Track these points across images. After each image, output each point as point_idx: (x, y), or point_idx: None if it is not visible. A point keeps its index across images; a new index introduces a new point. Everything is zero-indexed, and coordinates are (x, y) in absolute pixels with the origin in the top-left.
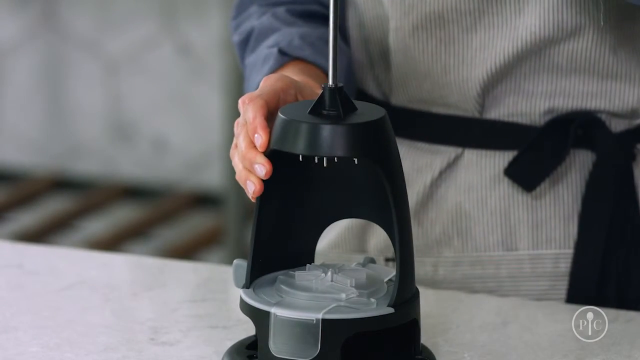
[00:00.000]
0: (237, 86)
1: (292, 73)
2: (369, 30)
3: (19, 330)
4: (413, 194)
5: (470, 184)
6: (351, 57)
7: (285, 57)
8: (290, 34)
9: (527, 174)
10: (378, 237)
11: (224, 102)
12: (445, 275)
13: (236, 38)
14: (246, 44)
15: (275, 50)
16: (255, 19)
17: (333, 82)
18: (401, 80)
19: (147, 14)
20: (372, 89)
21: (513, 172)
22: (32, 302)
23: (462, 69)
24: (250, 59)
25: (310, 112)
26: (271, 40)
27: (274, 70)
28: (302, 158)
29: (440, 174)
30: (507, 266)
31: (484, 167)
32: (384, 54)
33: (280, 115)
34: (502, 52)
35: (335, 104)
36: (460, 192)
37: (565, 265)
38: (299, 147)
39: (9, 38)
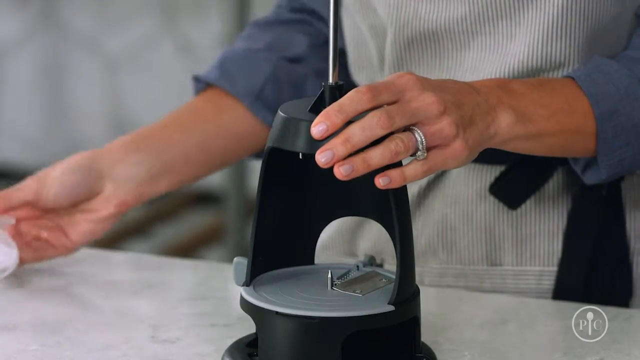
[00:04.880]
0: None
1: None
2: (365, 36)
3: (19, 329)
4: None
5: (457, 197)
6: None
7: (199, 84)
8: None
9: (512, 192)
10: (368, 242)
11: None
12: (431, 284)
13: None
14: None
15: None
16: None
17: (333, 80)
18: None
19: (147, 12)
20: None
21: (497, 190)
22: (32, 300)
23: None
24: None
25: (310, 110)
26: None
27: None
28: (302, 156)
29: (428, 184)
30: (490, 280)
31: (471, 180)
32: (380, 60)
33: (280, 113)
34: (490, 76)
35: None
36: (446, 204)
37: (548, 283)
38: (299, 146)
39: (10, 36)
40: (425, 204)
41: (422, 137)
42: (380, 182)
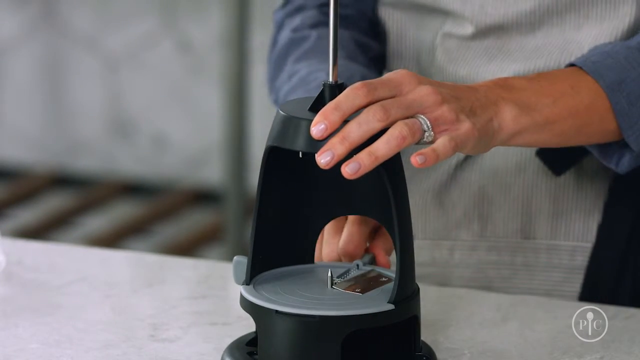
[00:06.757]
0: (237, 83)
1: None
2: (408, 27)
3: (19, 327)
4: (437, 175)
5: (496, 169)
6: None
7: None
8: (351, 69)
9: (558, 158)
10: None
11: (223, 98)
12: (461, 259)
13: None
14: (298, 44)
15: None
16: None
17: (333, 78)
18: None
19: (146, 11)
20: None
21: (544, 154)
22: (31, 299)
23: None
24: (302, 72)
25: (310, 109)
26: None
27: None
28: (302, 155)
29: (467, 157)
30: (523, 254)
31: (510, 152)
32: (429, 50)
33: (280, 111)
34: (550, 62)
35: None
36: (484, 177)
37: (581, 259)
38: (299, 144)
39: (9, 35)
40: (463, 177)
41: (426, 119)
42: (417, 160)
